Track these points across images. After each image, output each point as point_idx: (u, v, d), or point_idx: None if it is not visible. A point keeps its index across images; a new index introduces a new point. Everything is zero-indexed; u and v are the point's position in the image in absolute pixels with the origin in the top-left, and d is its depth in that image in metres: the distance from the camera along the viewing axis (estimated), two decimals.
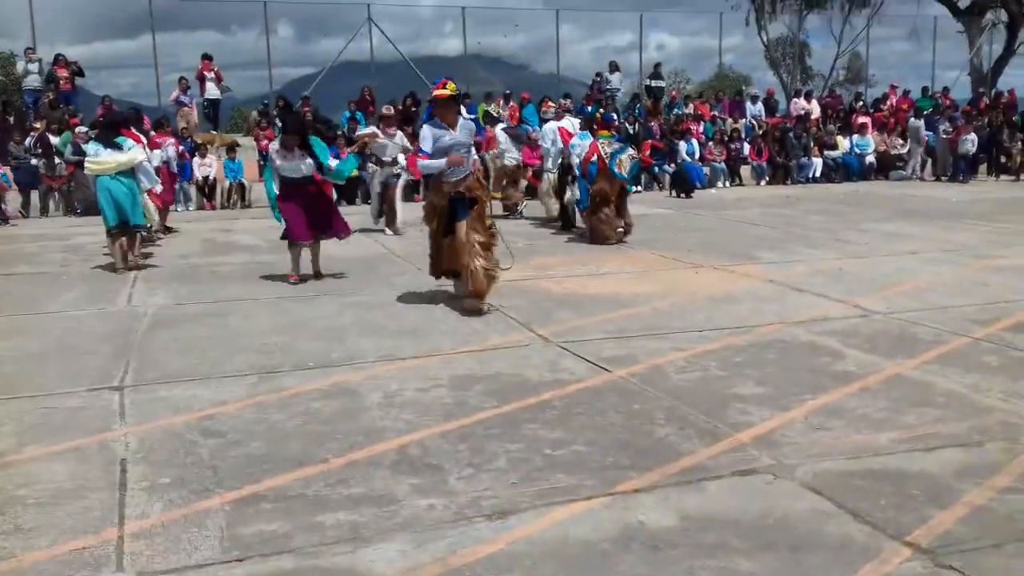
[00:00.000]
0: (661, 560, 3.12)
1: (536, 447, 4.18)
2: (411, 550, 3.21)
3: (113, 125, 9.72)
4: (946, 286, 7.98)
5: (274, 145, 8.84)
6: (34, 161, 15.85)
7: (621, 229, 11.09)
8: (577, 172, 11.51)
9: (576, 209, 12.05)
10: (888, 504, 3.53)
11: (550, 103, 19.97)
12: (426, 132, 7.04)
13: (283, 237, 8.62)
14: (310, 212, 8.51)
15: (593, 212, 11.09)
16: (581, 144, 11.41)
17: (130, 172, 9.38)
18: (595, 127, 11.72)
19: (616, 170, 10.85)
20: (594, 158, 10.92)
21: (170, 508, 3.60)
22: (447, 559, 3.14)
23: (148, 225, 10.26)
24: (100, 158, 9.25)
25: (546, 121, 15.47)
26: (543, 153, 14.03)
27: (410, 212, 12.08)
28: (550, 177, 13.27)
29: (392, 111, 13.66)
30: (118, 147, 9.32)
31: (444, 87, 7.01)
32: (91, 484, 3.85)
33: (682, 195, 17.42)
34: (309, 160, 8.41)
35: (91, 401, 5.02)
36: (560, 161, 12.40)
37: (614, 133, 11.82)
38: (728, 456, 4.06)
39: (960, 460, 3.99)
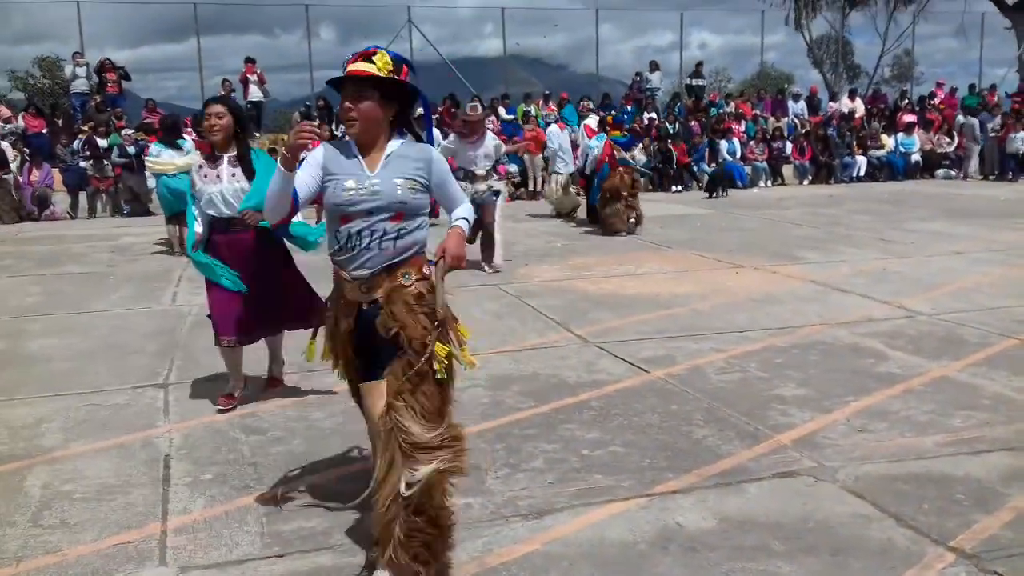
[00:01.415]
0: (699, 562, 3.10)
1: (573, 447, 4.17)
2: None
3: (174, 128, 10.88)
4: (993, 286, 7.82)
5: (196, 154, 5.17)
6: (82, 163, 16.17)
7: (632, 220, 11.78)
8: (592, 170, 12.28)
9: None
10: (932, 508, 3.47)
11: (552, 106, 20.30)
12: (312, 159, 3.18)
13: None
14: (252, 286, 4.81)
15: (604, 206, 11.82)
16: (597, 145, 12.16)
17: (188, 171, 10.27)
18: (608, 128, 12.58)
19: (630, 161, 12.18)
20: (607, 158, 11.81)
21: (212, 504, 3.65)
22: (483, 558, 3.15)
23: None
24: (161, 159, 10.32)
25: (555, 122, 16.12)
26: (548, 155, 14.78)
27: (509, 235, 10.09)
28: (558, 178, 14.00)
29: (479, 110, 9.61)
30: (178, 148, 10.38)
31: (366, 59, 3.06)
32: (135, 480, 3.92)
33: (714, 195, 17.20)
34: (242, 184, 4.80)
35: (136, 398, 5.11)
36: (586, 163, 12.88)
37: (625, 133, 12.94)
38: (768, 458, 4.02)
39: (1007, 464, 3.91)
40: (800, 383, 5.11)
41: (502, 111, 20.08)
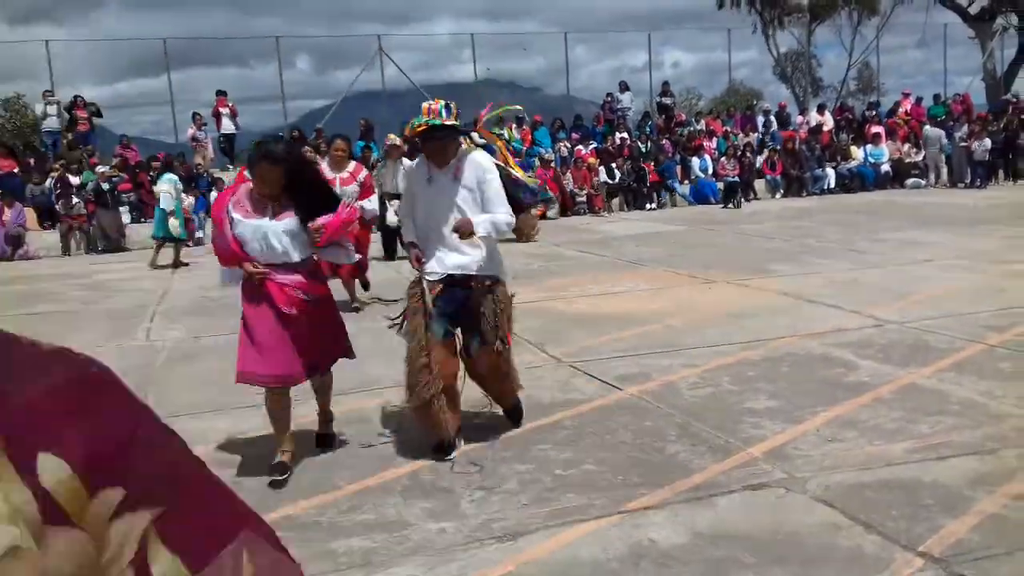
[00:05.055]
0: None
1: (546, 468, 4.19)
2: (422, 574, 3.23)
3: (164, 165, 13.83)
4: (962, 293, 7.92)
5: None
6: (54, 202, 16.10)
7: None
8: None
9: None
10: (900, 515, 3.51)
11: (526, 129, 19.94)
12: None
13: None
14: None
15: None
16: None
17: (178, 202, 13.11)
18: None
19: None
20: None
21: None
22: None
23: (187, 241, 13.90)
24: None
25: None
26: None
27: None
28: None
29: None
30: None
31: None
32: None
33: (729, 205, 18.39)
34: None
35: None
36: None
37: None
38: (740, 471, 4.05)
39: (974, 468, 3.96)
40: (771, 395, 5.16)
41: (476, 135, 20.18)
